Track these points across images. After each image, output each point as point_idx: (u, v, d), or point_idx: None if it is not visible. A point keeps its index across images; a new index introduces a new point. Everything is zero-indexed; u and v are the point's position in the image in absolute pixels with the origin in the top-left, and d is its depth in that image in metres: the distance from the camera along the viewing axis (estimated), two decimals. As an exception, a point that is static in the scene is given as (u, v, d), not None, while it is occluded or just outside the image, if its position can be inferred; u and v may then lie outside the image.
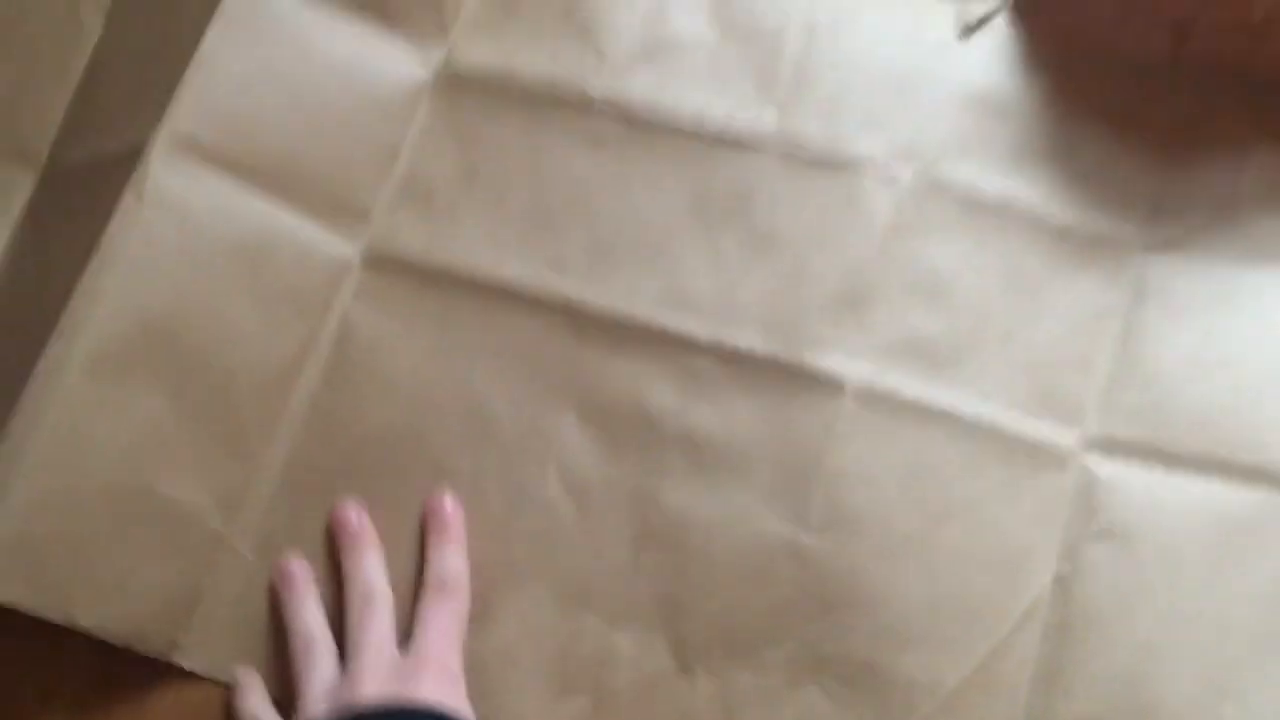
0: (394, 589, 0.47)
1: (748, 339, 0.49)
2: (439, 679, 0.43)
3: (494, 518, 0.48)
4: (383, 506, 0.48)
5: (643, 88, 0.53)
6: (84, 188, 0.51)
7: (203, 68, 0.49)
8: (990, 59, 0.52)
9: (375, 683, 0.43)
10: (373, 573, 0.46)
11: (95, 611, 0.44)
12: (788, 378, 0.48)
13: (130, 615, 0.45)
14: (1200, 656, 0.43)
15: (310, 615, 0.46)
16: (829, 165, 0.51)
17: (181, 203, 0.48)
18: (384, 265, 0.51)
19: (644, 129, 0.52)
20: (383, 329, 0.50)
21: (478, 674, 0.46)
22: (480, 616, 0.47)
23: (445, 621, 0.45)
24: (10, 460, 0.43)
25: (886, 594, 0.46)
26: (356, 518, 0.47)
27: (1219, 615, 0.44)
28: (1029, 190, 0.50)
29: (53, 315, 0.46)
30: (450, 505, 0.47)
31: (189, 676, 0.47)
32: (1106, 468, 0.46)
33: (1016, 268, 0.49)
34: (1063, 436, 0.47)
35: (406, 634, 0.46)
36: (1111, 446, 0.46)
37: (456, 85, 0.54)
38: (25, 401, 0.44)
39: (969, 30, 0.52)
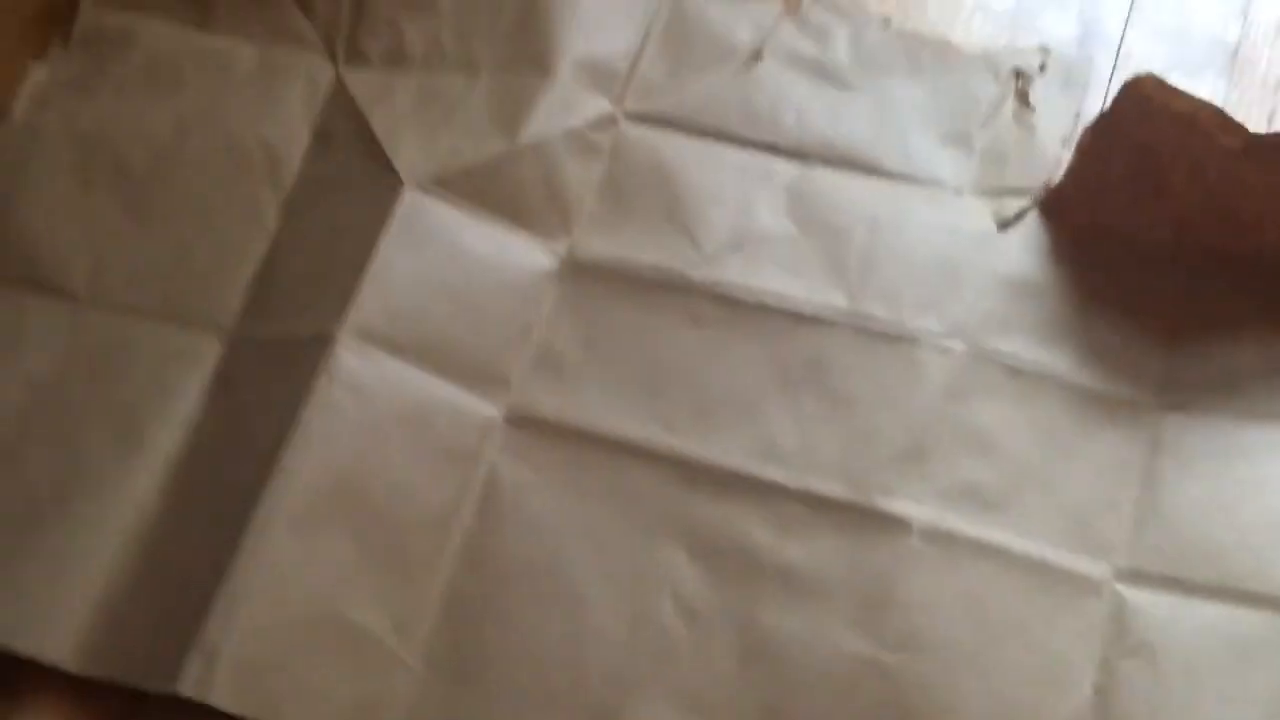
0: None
1: (828, 486, 0.59)
2: None
3: (618, 638, 0.57)
4: (525, 630, 0.58)
5: (734, 273, 0.63)
6: (273, 363, 0.61)
7: (377, 269, 0.61)
8: (1024, 248, 0.63)
9: None
10: None
11: (300, 716, 0.54)
12: (863, 519, 0.58)
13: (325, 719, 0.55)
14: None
15: None
16: (892, 338, 0.61)
17: (361, 381, 0.59)
18: (523, 424, 0.62)
19: (736, 308, 0.63)
20: (524, 478, 0.61)
21: (610, 772, 0.55)
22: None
23: None
24: (234, 598, 0.54)
25: (954, 705, 0.54)
26: None
27: (1234, 718, 0.52)
28: (1059, 360, 0.60)
29: (249, 470, 0.57)
30: None
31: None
32: (1134, 595, 0.55)
33: (1051, 425, 0.59)
34: (1096, 568, 0.56)
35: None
36: (1138, 577, 0.56)
37: (578, 273, 0.65)
38: (243, 549, 0.54)
39: (1005, 224, 0.63)
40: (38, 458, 0.61)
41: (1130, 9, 0.69)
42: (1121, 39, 0.68)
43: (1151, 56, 0.67)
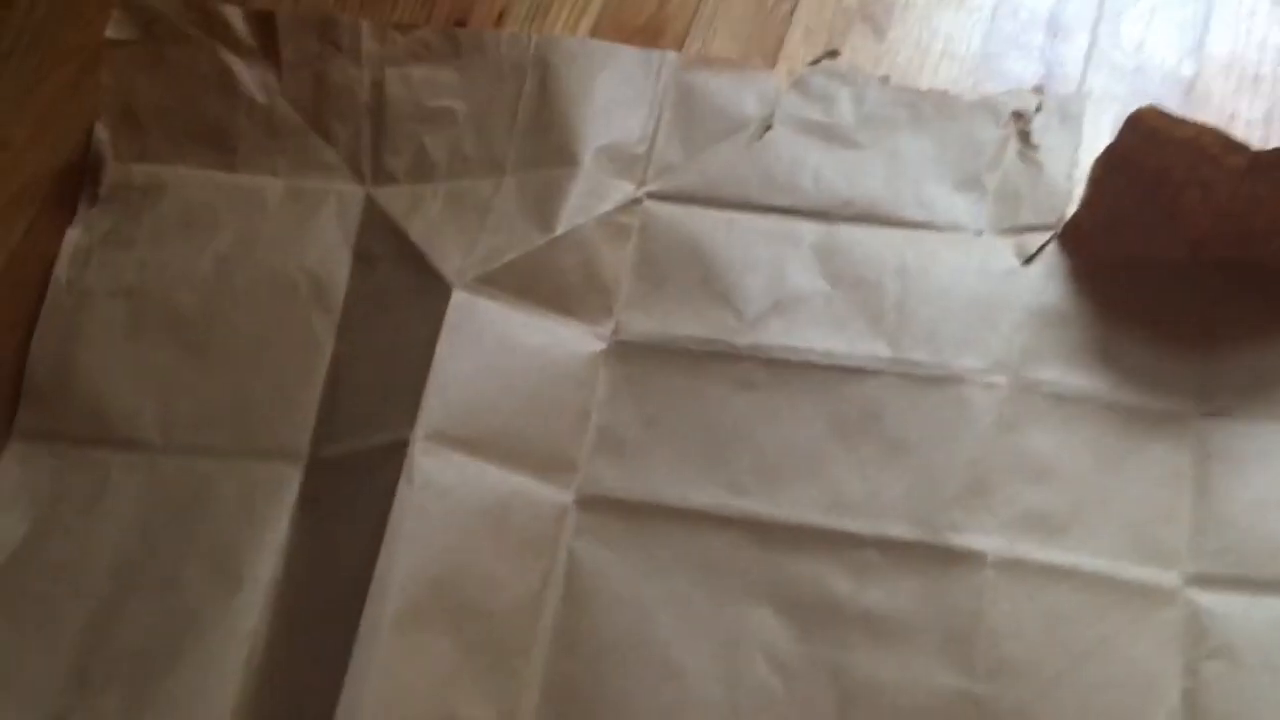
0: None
1: (899, 529, 0.61)
2: None
3: (717, 701, 0.59)
4: (625, 706, 0.59)
5: (776, 335, 0.66)
6: (353, 477, 0.63)
7: (437, 371, 0.63)
8: (1049, 280, 0.66)
9: None
10: None
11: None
12: (936, 557, 0.60)
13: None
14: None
15: None
16: (938, 380, 0.64)
17: (439, 481, 0.61)
18: (594, 505, 0.64)
19: (783, 368, 0.65)
20: (602, 558, 0.63)
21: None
22: (725, 786, 0.57)
23: None
24: (353, 706, 0.55)
25: (1049, 724, 0.57)
26: None
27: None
28: (1098, 382, 0.63)
29: (347, 585, 0.59)
30: None
31: None
32: (1206, 598, 0.58)
33: (1101, 445, 0.61)
34: (1166, 577, 0.58)
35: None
36: (1206, 580, 0.58)
37: (627, 353, 0.67)
38: (353, 661, 0.56)
39: (1028, 259, 0.66)
40: (142, 609, 0.62)
41: (1090, 49, 0.73)
42: (1083, 78, 0.71)
43: (1112, 94, 0.70)
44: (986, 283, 0.66)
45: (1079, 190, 0.67)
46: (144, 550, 0.64)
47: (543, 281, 0.68)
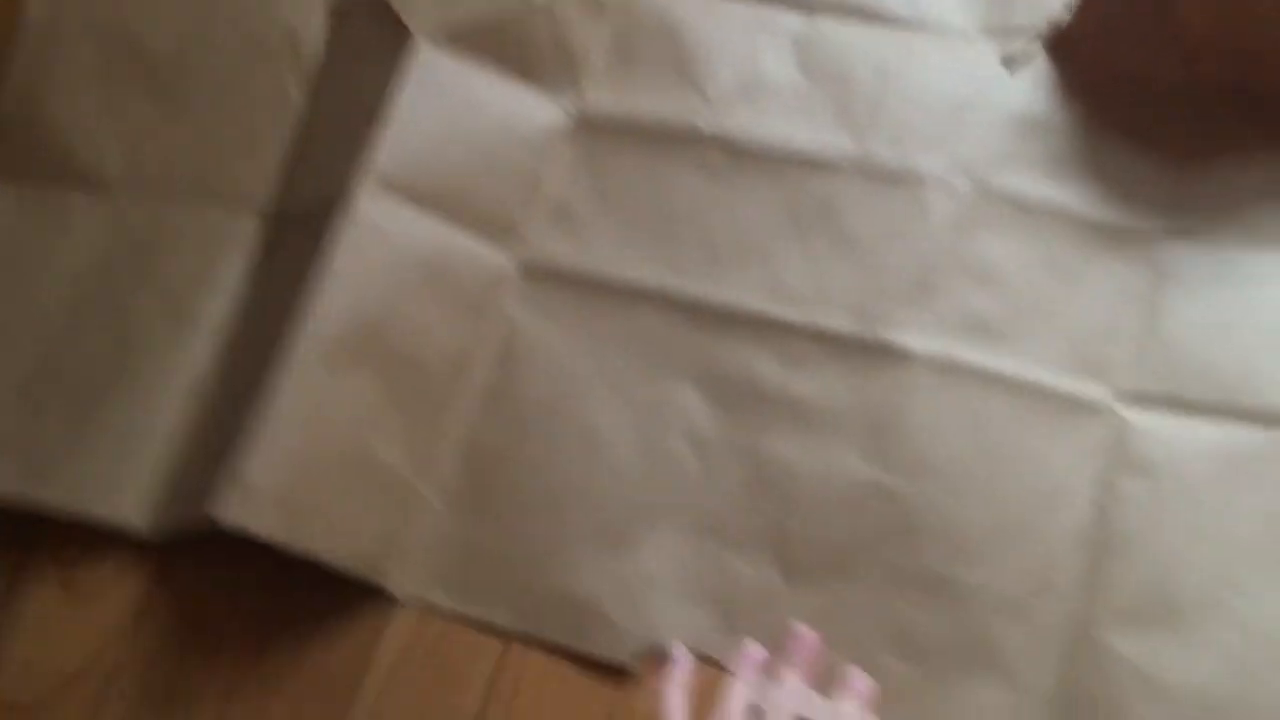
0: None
1: (834, 321, 0.60)
2: None
3: (631, 470, 0.59)
4: (542, 468, 0.60)
5: (742, 123, 0.64)
6: (309, 230, 0.63)
7: (395, 121, 0.62)
8: (1033, 88, 0.63)
9: None
10: None
11: (323, 543, 0.57)
12: (869, 352, 0.59)
13: (350, 549, 0.57)
14: (1215, 563, 0.53)
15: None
16: (899, 179, 0.62)
17: (382, 227, 0.61)
18: (537, 272, 0.63)
19: (744, 156, 0.64)
20: (541, 326, 0.62)
21: (623, 592, 0.57)
22: (620, 544, 0.58)
23: None
24: (269, 432, 0.56)
25: (958, 521, 0.56)
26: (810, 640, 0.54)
27: (1229, 531, 0.53)
28: (1066, 194, 0.60)
29: (288, 325, 0.59)
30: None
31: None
32: (1136, 416, 0.56)
33: (1057, 257, 0.59)
34: (1099, 392, 0.57)
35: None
36: (1139, 398, 0.56)
37: (589, 127, 0.66)
38: (275, 383, 0.57)
39: (1012, 63, 0.63)
40: (93, 340, 0.65)
41: None
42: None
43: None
44: (967, 86, 0.63)
45: (1076, -2, 0.63)
46: (100, 286, 0.66)
47: (512, 47, 0.66)
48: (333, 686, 0.58)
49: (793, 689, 0.52)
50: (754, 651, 0.53)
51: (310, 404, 0.57)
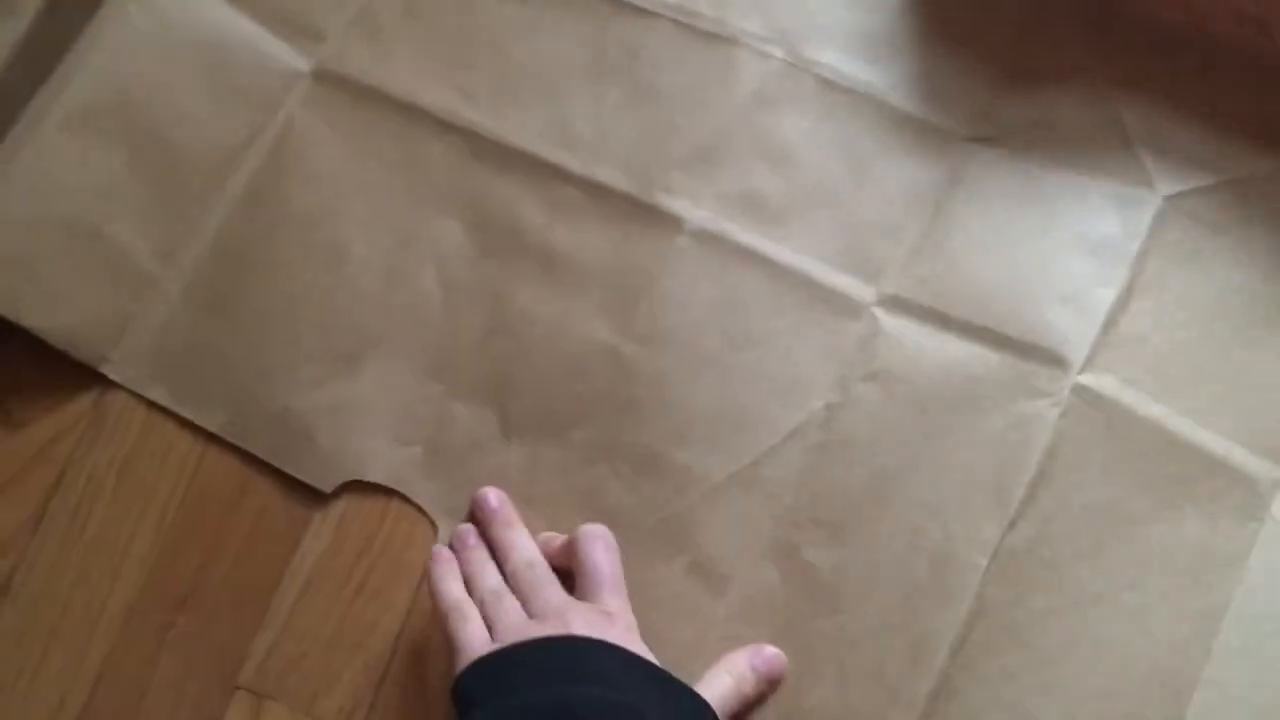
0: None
1: (611, 176, 0.56)
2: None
3: (374, 293, 0.57)
4: (286, 275, 0.57)
5: (564, -46, 0.60)
6: None
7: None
8: (877, -35, 0.58)
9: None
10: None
11: (40, 316, 0.55)
12: (638, 213, 0.56)
13: (68, 326, 0.56)
14: (923, 486, 0.51)
15: (456, 583, 0.51)
16: (711, 36, 0.58)
17: (160, 5, 0.57)
18: (329, 80, 0.60)
19: (561, -10, 0.60)
20: (319, 133, 0.59)
21: (337, 419, 0.55)
22: (346, 370, 0.56)
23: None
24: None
25: (681, 400, 0.53)
26: (496, 499, 0.53)
27: (944, 453, 0.51)
28: (878, 78, 0.56)
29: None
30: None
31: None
32: (890, 322, 0.53)
33: (854, 144, 0.55)
34: (861, 292, 0.54)
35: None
36: (899, 304, 0.53)
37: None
38: (7, 141, 0.54)
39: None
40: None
41: None
42: None
43: None
44: (803, -51, 0.59)
45: None
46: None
47: None
48: (244, 598, 0.54)
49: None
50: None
51: (40, 163, 0.55)
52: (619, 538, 0.52)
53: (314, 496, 0.55)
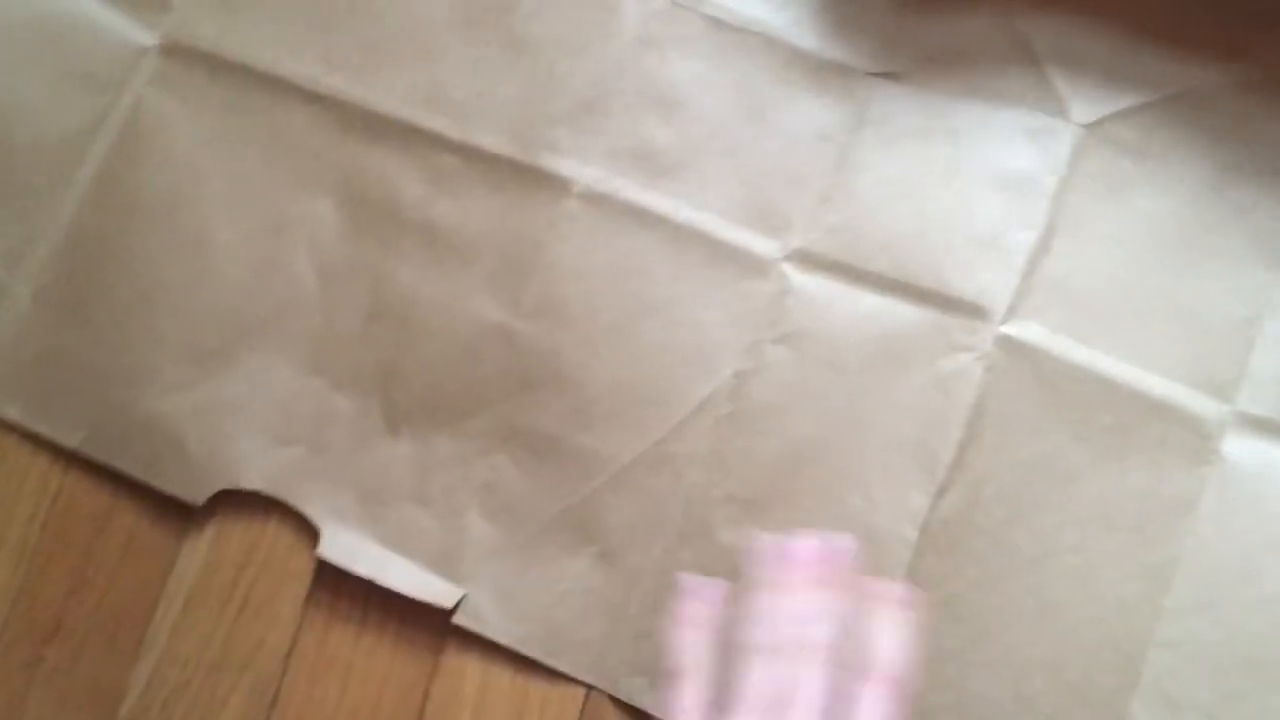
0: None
1: (493, 140, 0.52)
2: None
3: (242, 283, 0.52)
4: (145, 269, 0.53)
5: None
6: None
7: None
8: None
9: None
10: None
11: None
12: (523, 177, 0.51)
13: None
14: (842, 454, 0.47)
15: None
16: (591, -20, 0.53)
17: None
18: (179, 54, 0.55)
19: (428, -61, 0.55)
20: (171, 112, 0.54)
21: (207, 424, 0.51)
22: (214, 370, 0.51)
23: None
24: None
25: (581, 378, 0.49)
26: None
27: (864, 417, 0.47)
28: (773, 16, 0.52)
29: None
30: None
31: None
32: (801, 278, 0.49)
33: (750, 87, 0.51)
34: (767, 247, 0.50)
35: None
36: (809, 259, 0.49)
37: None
38: None
39: None
40: None
41: None
42: None
43: None
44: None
45: None
46: None
47: None
48: (118, 625, 0.49)
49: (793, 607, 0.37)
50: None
51: None
52: (521, 531, 0.48)
53: (188, 510, 0.50)
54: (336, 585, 0.49)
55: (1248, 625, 0.43)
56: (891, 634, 0.37)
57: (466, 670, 0.48)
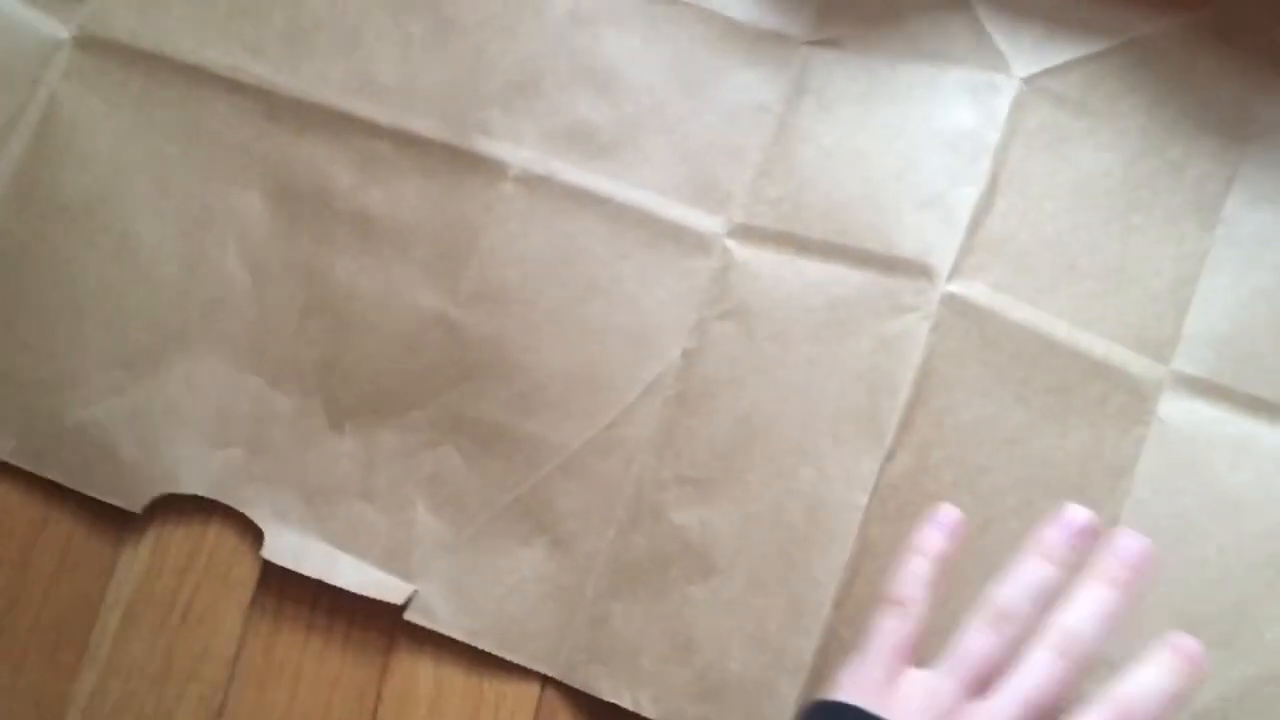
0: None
1: (424, 125, 0.51)
2: None
3: (169, 284, 0.51)
4: (66, 274, 0.51)
5: (352, -120, 0.53)
6: None
7: None
8: None
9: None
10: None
11: None
12: (457, 161, 0.50)
13: None
14: (792, 426, 0.46)
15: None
16: (518, -42, 0.52)
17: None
18: (94, 46, 0.53)
19: (349, -80, 0.53)
20: (87, 107, 0.52)
21: (140, 429, 0.49)
22: (145, 373, 0.50)
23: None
24: None
25: (524, 364, 0.48)
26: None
27: (813, 387, 0.46)
28: (706, -14, 0.51)
29: None
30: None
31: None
32: (744, 252, 0.48)
33: (685, 61, 0.50)
34: (709, 223, 0.49)
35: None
36: (751, 233, 0.48)
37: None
38: None
39: None
40: None
41: None
42: None
43: None
44: None
45: None
46: None
47: None
48: (58, 640, 0.48)
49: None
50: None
51: None
52: (471, 524, 0.47)
53: (125, 518, 0.49)
54: (282, 589, 0.48)
55: (1184, 587, 0.43)
56: (1099, 611, 0.37)
57: (419, 671, 0.47)
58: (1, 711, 0.47)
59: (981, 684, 0.37)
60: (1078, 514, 0.40)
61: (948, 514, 0.41)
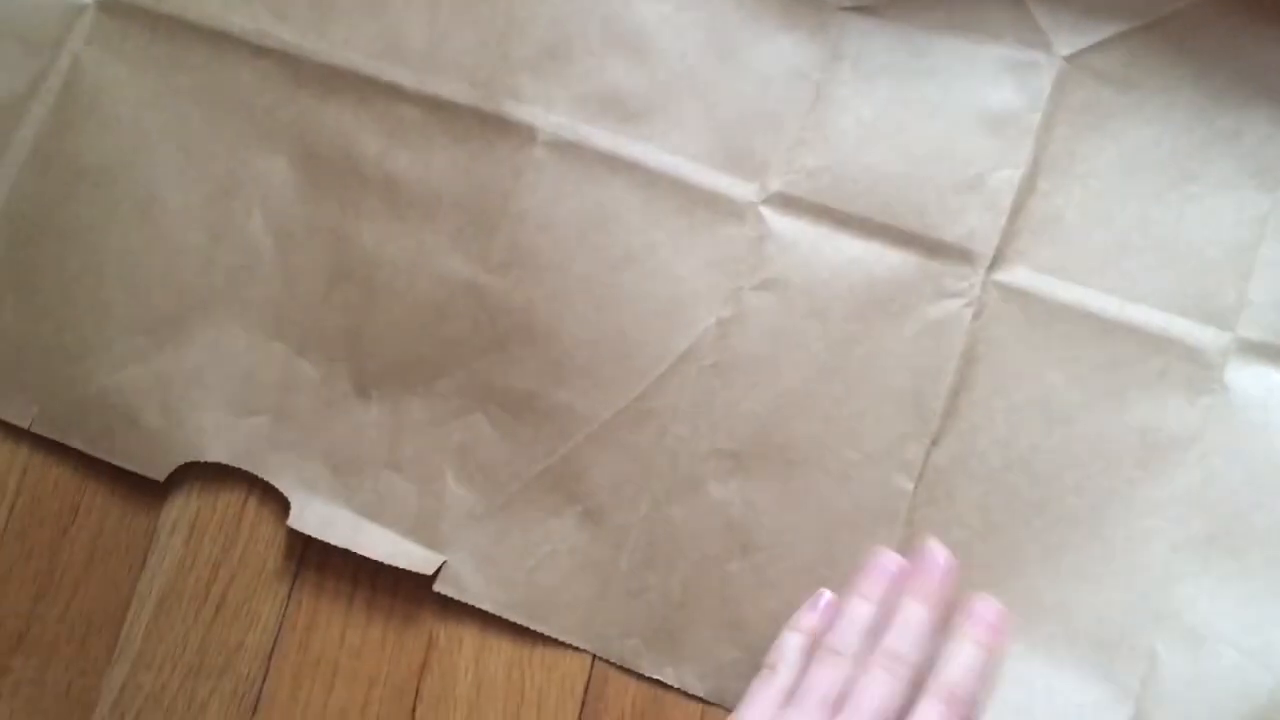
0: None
1: (452, 89, 0.50)
2: None
3: (195, 249, 0.50)
4: (90, 239, 0.50)
5: None
6: None
7: None
8: None
9: None
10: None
11: None
12: (486, 126, 0.49)
13: None
14: (831, 405, 0.45)
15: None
16: (549, -78, 0.51)
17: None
18: (117, 11, 0.52)
19: (378, -116, 0.52)
20: (111, 71, 0.52)
21: (165, 397, 0.48)
22: (170, 339, 0.49)
23: None
24: None
25: (556, 331, 0.47)
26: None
27: (852, 366, 0.45)
28: (741, -50, 0.50)
29: None
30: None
31: None
32: (780, 223, 0.47)
33: (719, 26, 0.49)
34: (743, 191, 0.48)
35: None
36: (787, 203, 0.47)
37: None
38: None
39: None
40: None
41: None
42: None
43: None
44: None
45: None
46: None
47: None
48: (89, 631, 0.47)
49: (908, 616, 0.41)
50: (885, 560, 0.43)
51: None
52: (500, 494, 0.46)
53: (157, 506, 0.48)
54: (319, 582, 0.47)
55: (1263, 552, 0.42)
56: (967, 655, 0.40)
57: (459, 667, 0.46)
58: (31, 703, 0.46)
59: (834, 708, 0.40)
60: (889, 558, 0.43)
61: (821, 596, 0.43)
